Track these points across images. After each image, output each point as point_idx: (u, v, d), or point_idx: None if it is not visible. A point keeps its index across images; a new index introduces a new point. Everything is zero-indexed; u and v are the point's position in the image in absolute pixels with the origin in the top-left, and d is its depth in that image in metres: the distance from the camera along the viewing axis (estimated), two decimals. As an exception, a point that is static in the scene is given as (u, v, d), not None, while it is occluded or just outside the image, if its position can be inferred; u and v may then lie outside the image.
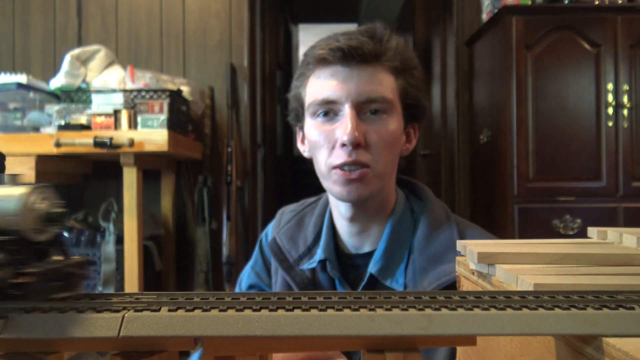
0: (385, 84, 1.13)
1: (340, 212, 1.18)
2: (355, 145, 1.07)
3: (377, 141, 1.10)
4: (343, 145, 1.08)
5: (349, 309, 0.54)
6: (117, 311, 0.53)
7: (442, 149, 4.01)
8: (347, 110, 1.09)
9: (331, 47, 1.10)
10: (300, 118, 1.25)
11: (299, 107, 1.24)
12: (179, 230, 3.26)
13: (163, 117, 2.45)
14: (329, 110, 1.13)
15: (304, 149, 1.27)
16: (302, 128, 1.25)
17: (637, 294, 0.59)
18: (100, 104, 2.46)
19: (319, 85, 1.14)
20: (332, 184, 1.11)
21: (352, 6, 6.51)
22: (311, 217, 1.28)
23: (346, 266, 1.20)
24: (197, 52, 3.37)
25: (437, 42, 4.20)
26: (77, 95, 2.70)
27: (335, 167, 1.10)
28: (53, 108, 2.56)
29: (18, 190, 0.52)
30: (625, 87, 2.76)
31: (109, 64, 2.91)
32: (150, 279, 2.85)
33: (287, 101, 1.29)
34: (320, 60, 1.13)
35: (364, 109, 1.11)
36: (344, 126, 1.08)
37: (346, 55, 1.09)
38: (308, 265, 1.19)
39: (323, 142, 1.12)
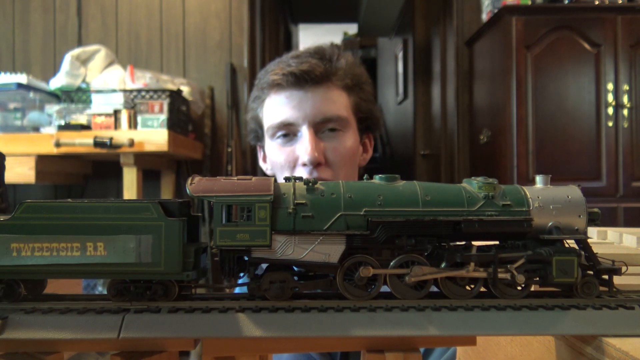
0: (339, 102, 1.19)
1: None
2: (316, 164, 1.13)
3: (336, 158, 1.17)
4: (304, 164, 1.14)
5: (348, 309, 0.54)
6: (117, 312, 0.53)
7: (442, 149, 4.01)
8: (305, 131, 1.15)
9: (284, 72, 1.16)
10: (260, 138, 1.32)
11: (257, 128, 1.30)
12: (179, 230, 3.25)
13: (163, 117, 2.45)
14: (287, 131, 1.19)
15: (266, 167, 1.33)
16: (262, 147, 1.32)
17: (637, 293, 0.59)
18: (100, 104, 2.46)
19: (276, 109, 1.20)
20: None
21: (352, 6, 6.50)
22: None
23: None
24: (197, 52, 3.37)
25: (437, 42, 4.20)
26: (77, 95, 2.70)
27: None
28: (53, 108, 2.55)
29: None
30: (625, 87, 2.76)
31: (109, 64, 2.91)
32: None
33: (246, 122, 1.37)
34: (274, 85, 1.19)
35: (321, 128, 1.17)
36: (304, 147, 1.14)
37: (299, 79, 1.16)
38: None
39: (284, 163, 1.19)
